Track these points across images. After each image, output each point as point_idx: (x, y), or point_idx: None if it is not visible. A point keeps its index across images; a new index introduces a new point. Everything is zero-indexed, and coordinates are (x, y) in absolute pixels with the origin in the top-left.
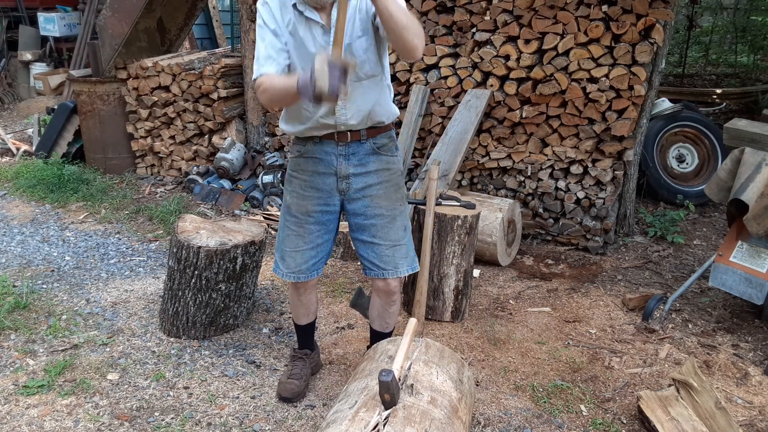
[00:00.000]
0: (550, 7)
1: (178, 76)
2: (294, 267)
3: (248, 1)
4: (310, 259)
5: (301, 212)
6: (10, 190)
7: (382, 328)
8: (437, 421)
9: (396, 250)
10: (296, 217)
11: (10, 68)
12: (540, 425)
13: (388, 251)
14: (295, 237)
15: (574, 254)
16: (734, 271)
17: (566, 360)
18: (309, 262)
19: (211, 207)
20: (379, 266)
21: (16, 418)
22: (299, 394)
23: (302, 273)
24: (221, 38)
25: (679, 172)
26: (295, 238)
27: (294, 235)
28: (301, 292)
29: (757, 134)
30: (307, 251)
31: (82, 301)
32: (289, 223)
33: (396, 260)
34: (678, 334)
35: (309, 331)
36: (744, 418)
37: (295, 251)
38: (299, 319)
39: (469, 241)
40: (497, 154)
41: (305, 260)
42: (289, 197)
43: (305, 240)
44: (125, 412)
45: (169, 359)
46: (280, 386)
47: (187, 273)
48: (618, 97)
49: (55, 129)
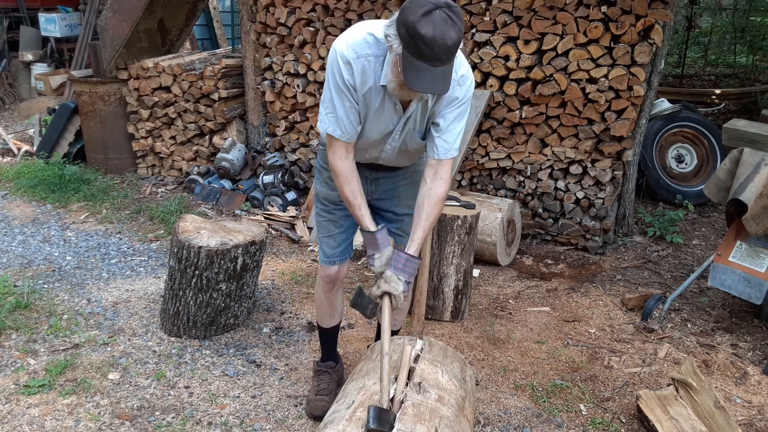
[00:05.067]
0: (549, 8)
1: (179, 77)
2: (329, 252)
3: (248, 1)
4: (343, 242)
5: (330, 200)
6: (11, 190)
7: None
8: (446, 418)
9: None
10: (325, 205)
11: (11, 69)
12: (539, 424)
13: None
14: (327, 223)
15: (573, 254)
16: (733, 271)
17: (566, 359)
18: (342, 245)
19: (212, 207)
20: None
21: (17, 418)
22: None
23: (336, 256)
24: (222, 39)
25: (678, 172)
26: (327, 224)
27: (325, 222)
28: (329, 288)
29: (755, 134)
30: (339, 235)
31: (83, 301)
32: (321, 211)
33: None
34: (677, 334)
35: (334, 336)
36: (743, 418)
37: (329, 236)
38: (324, 321)
39: (468, 241)
40: (497, 154)
41: (338, 243)
42: (318, 186)
43: (336, 224)
44: (126, 412)
45: (169, 359)
46: (310, 405)
47: (188, 273)
48: (617, 97)
49: (56, 129)
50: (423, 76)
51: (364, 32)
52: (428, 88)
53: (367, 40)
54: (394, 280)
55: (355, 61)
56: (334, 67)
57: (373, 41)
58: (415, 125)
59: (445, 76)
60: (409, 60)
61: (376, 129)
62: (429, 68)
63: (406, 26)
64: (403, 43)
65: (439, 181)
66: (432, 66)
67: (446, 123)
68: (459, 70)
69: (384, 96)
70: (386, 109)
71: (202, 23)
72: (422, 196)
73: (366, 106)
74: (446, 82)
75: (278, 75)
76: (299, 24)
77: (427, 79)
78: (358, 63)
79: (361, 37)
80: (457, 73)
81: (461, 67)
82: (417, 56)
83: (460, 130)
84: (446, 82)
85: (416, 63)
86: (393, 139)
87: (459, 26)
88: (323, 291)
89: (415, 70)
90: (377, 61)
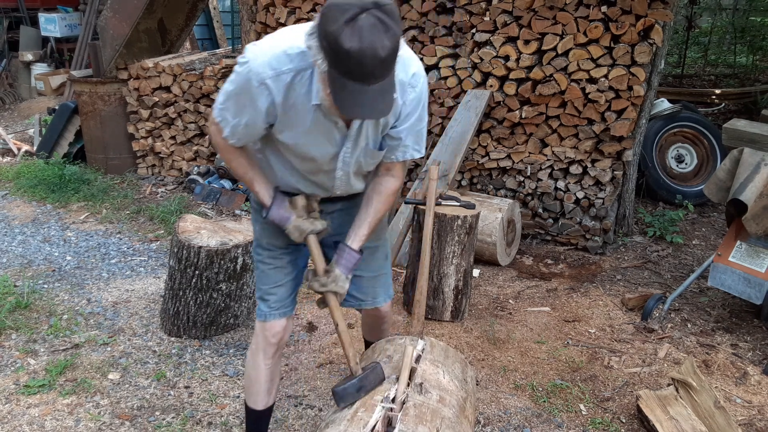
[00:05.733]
0: (549, 8)
1: (179, 77)
2: (276, 304)
3: (248, 1)
4: (293, 290)
5: (275, 245)
6: (11, 190)
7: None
8: (447, 419)
9: (377, 280)
10: (271, 250)
11: (11, 69)
12: (539, 424)
13: (369, 282)
14: (273, 272)
15: (573, 254)
16: (733, 271)
17: (566, 359)
18: (293, 294)
19: (212, 207)
20: (358, 297)
21: (17, 418)
22: None
23: (287, 307)
24: (222, 39)
25: (678, 172)
26: (274, 273)
27: (271, 270)
28: (272, 351)
29: (755, 134)
30: (290, 282)
31: (83, 301)
32: (265, 258)
33: (376, 290)
34: (677, 334)
35: (268, 419)
36: (743, 418)
37: (278, 286)
38: (260, 398)
39: (468, 241)
40: (497, 154)
41: (289, 293)
42: (258, 228)
43: (285, 271)
44: (126, 412)
45: (169, 359)
46: None
47: (188, 273)
48: (617, 97)
49: (56, 129)
50: (356, 98)
51: (285, 43)
52: (364, 113)
53: (288, 52)
54: (342, 279)
55: (275, 80)
56: (243, 85)
57: (296, 54)
58: (368, 140)
59: (384, 94)
60: (336, 79)
61: (317, 151)
62: (362, 88)
63: (327, 39)
64: (327, 58)
65: (392, 177)
66: (366, 85)
67: (406, 133)
68: (409, 69)
69: (318, 115)
70: (324, 130)
71: (202, 23)
72: (371, 190)
73: (291, 126)
74: (386, 101)
75: None
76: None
77: (362, 102)
78: (279, 81)
79: (280, 49)
80: (407, 73)
81: (410, 65)
82: (345, 75)
83: (422, 128)
84: (386, 101)
85: (346, 83)
86: (344, 163)
87: (393, 30)
88: (263, 357)
89: (346, 92)
90: (303, 76)
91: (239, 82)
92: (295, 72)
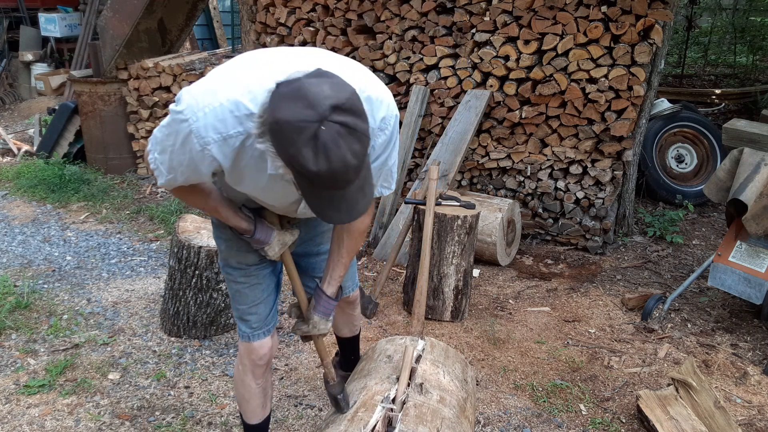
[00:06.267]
0: (549, 8)
1: (179, 77)
2: (258, 324)
3: (248, 1)
4: (272, 305)
5: (245, 263)
6: (11, 190)
7: (352, 332)
8: (447, 420)
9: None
10: (243, 269)
11: (11, 69)
12: (539, 424)
13: None
14: (249, 290)
15: (573, 254)
16: (733, 271)
17: (566, 359)
18: (273, 309)
19: None
20: None
21: (17, 418)
22: None
23: (269, 324)
24: (222, 39)
25: (678, 172)
26: (250, 291)
27: (247, 289)
28: (261, 371)
29: (755, 134)
30: (268, 298)
31: (83, 301)
32: (238, 277)
33: (345, 283)
34: (677, 334)
35: (266, 429)
36: (743, 418)
37: (257, 304)
38: (255, 414)
39: (468, 241)
40: (497, 154)
41: (269, 309)
42: (224, 247)
43: (262, 287)
44: (126, 412)
45: (169, 359)
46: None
47: (188, 273)
48: (617, 97)
49: (56, 129)
50: (333, 204)
51: (228, 101)
52: (343, 218)
53: (235, 114)
54: (323, 323)
55: (221, 144)
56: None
57: (244, 115)
58: None
59: (363, 189)
60: (306, 189)
61: (276, 201)
62: (338, 194)
63: (288, 161)
64: (293, 174)
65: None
66: (342, 191)
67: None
68: (377, 114)
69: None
70: (283, 186)
71: (202, 23)
72: (341, 229)
73: (244, 182)
74: (367, 194)
75: None
76: (299, 24)
77: (340, 207)
78: (227, 146)
79: (226, 109)
80: (375, 119)
81: (378, 109)
82: (318, 188)
83: (392, 166)
84: (367, 194)
85: (320, 193)
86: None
87: (360, 127)
88: (253, 378)
89: (321, 200)
90: (255, 139)
91: (176, 139)
92: (246, 136)
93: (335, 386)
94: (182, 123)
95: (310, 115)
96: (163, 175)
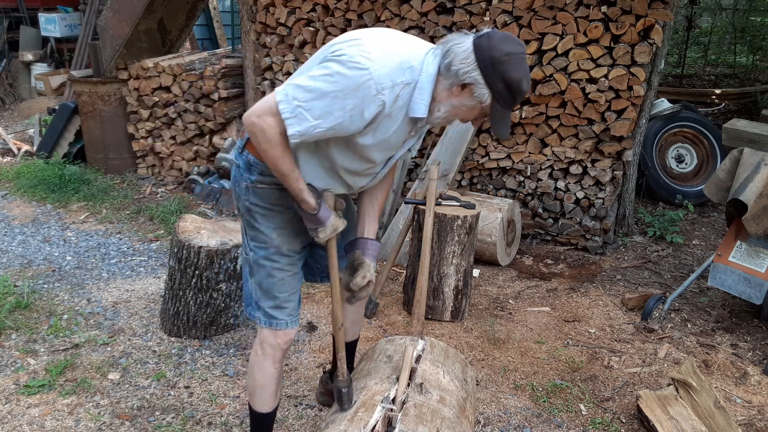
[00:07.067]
0: (549, 8)
1: (178, 77)
2: (293, 311)
3: (248, 1)
4: (299, 294)
5: (294, 250)
6: (11, 190)
7: (354, 334)
8: (447, 420)
9: None
10: (290, 256)
11: (11, 69)
12: (539, 424)
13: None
14: (291, 279)
15: (573, 254)
16: (733, 271)
17: (565, 359)
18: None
19: (212, 207)
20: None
21: (17, 418)
22: None
23: (298, 312)
24: (222, 39)
25: (678, 172)
26: (291, 280)
27: (290, 276)
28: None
29: (755, 134)
30: (299, 287)
31: (83, 301)
32: (282, 265)
33: None
34: (677, 334)
35: (272, 422)
36: (743, 418)
37: (294, 293)
38: (268, 402)
39: (468, 241)
40: (497, 154)
41: (299, 298)
42: (275, 235)
43: (298, 277)
44: (126, 412)
45: (169, 359)
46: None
47: (188, 273)
48: (617, 97)
49: (56, 129)
50: (507, 123)
51: (399, 55)
52: (508, 132)
53: (403, 66)
54: (373, 267)
55: (390, 90)
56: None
57: (408, 68)
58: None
59: None
60: (499, 111)
61: (379, 155)
62: (510, 114)
63: (508, 84)
64: (495, 95)
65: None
66: (511, 110)
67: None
68: None
69: (404, 123)
70: (400, 135)
71: (202, 23)
72: (374, 188)
73: (376, 131)
74: None
75: (278, 75)
76: (299, 24)
77: (509, 125)
78: (392, 93)
79: (397, 61)
80: None
81: None
82: (507, 106)
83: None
84: None
85: (506, 114)
86: (387, 166)
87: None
88: (273, 362)
89: (503, 120)
90: (407, 89)
91: (348, 86)
92: (405, 85)
93: (343, 381)
94: (361, 71)
95: (522, 50)
96: (306, 121)
